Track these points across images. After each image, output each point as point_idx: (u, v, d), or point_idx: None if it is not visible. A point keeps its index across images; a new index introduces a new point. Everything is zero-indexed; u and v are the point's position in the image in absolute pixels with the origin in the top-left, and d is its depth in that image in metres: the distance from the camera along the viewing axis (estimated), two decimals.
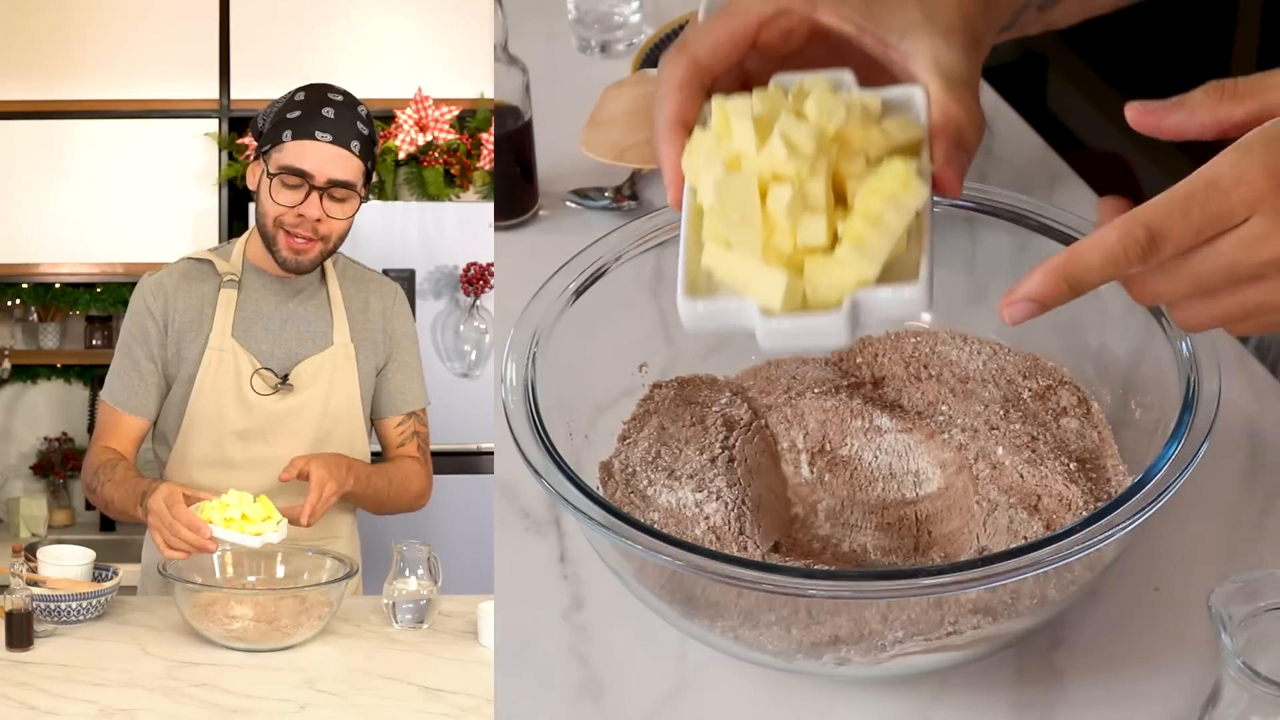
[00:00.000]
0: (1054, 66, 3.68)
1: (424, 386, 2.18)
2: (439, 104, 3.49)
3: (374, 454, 2.16)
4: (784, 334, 0.90)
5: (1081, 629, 1.11)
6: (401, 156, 3.45)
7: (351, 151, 1.97)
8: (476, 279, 3.30)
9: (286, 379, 2.04)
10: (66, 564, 1.94)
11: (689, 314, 0.92)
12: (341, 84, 2.07)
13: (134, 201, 3.64)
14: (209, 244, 3.51)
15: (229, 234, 3.62)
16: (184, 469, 2.06)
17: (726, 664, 1.09)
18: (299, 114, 1.98)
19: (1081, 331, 1.19)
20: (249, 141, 3.51)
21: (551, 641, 1.14)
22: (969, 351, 1.22)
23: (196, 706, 1.59)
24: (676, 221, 1.17)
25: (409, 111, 3.47)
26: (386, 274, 2.24)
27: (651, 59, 1.68)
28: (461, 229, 3.35)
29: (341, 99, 2.01)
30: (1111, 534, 0.94)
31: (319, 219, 1.97)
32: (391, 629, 1.88)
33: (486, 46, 3.48)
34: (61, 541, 2.29)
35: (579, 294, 1.15)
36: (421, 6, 3.67)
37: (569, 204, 1.58)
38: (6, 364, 3.87)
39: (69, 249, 3.64)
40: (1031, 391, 1.19)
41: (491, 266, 3.28)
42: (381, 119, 3.52)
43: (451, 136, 3.48)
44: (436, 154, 3.46)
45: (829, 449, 1.18)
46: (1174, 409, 1.03)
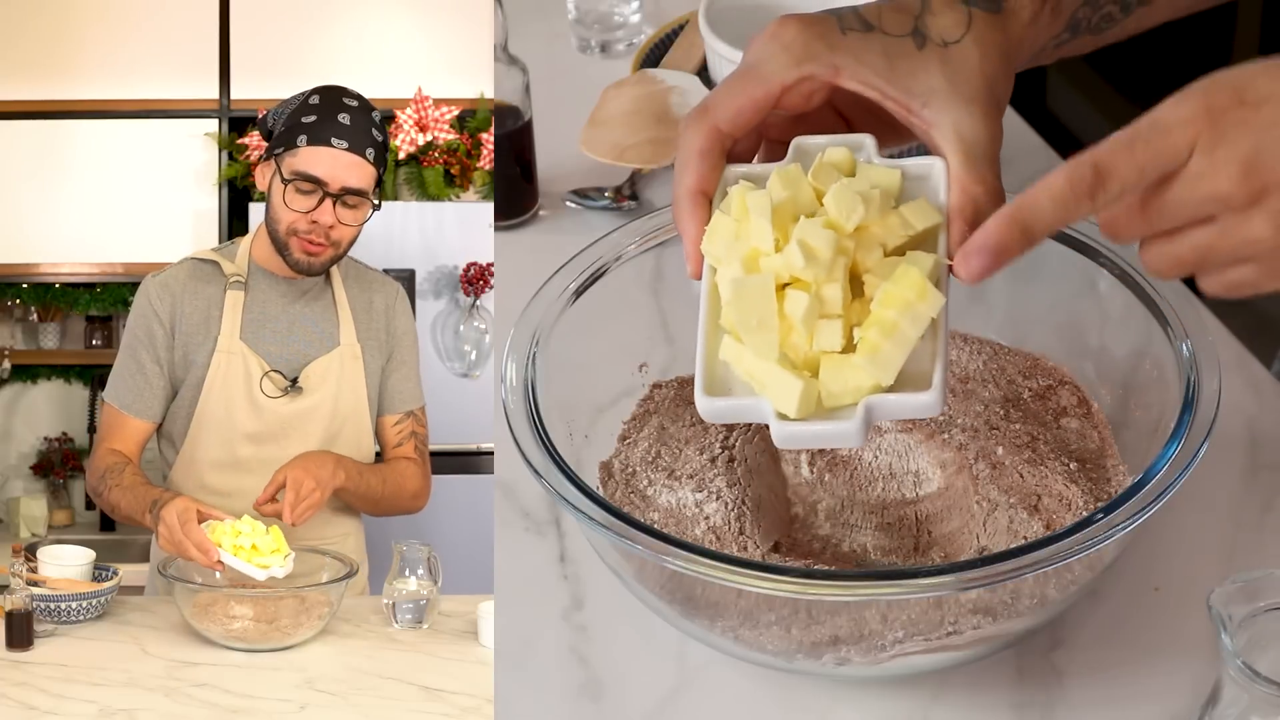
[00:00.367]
0: (1054, 67, 3.68)
1: (420, 386, 2.17)
2: (439, 104, 3.49)
3: (376, 455, 2.16)
4: (799, 438, 0.93)
5: (1081, 629, 1.11)
6: (401, 156, 3.44)
7: (366, 159, 1.97)
8: (476, 279, 3.29)
9: (296, 382, 2.03)
10: (66, 564, 1.94)
11: (707, 410, 0.94)
12: (341, 84, 2.06)
13: (134, 201, 3.63)
14: (209, 244, 3.50)
15: (229, 234, 3.61)
16: (193, 471, 2.05)
17: (726, 664, 1.09)
18: (314, 119, 1.96)
19: (1081, 331, 1.19)
20: (249, 141, 3.51)
21: (551, 641, 1.14)
22: (969, 351, 1.22)
23: (196, 706, 1.60)
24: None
25: (409, 111, 3.47)
26: (386, 274, 2.23)
27: (651, 59, 1.67)
28: (461, 229, 3.35)
29: (357, 104, 1.99)
30: (1111, 534, 0.94)
31: (332, 225, 1.97)
32: (391, 629, 1.88)
33: (486, 46, 3.48)
34: (61, 541, 2.29)
35: (579, 294, 1.15)
36: (421, 7, 3.66)
37: (569, 204, 1.58)
38: (6, 364, 3.87)
39: (69, 249, 3.64)
40: (1031, 391, 1.19)
41: (491, 266, 3.28)
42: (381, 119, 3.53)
43: (451, 136, 3.48)
44: (436, 154, 3.45)
45: (828, 449, 1.17)
46: (1174, 409, 1.03)
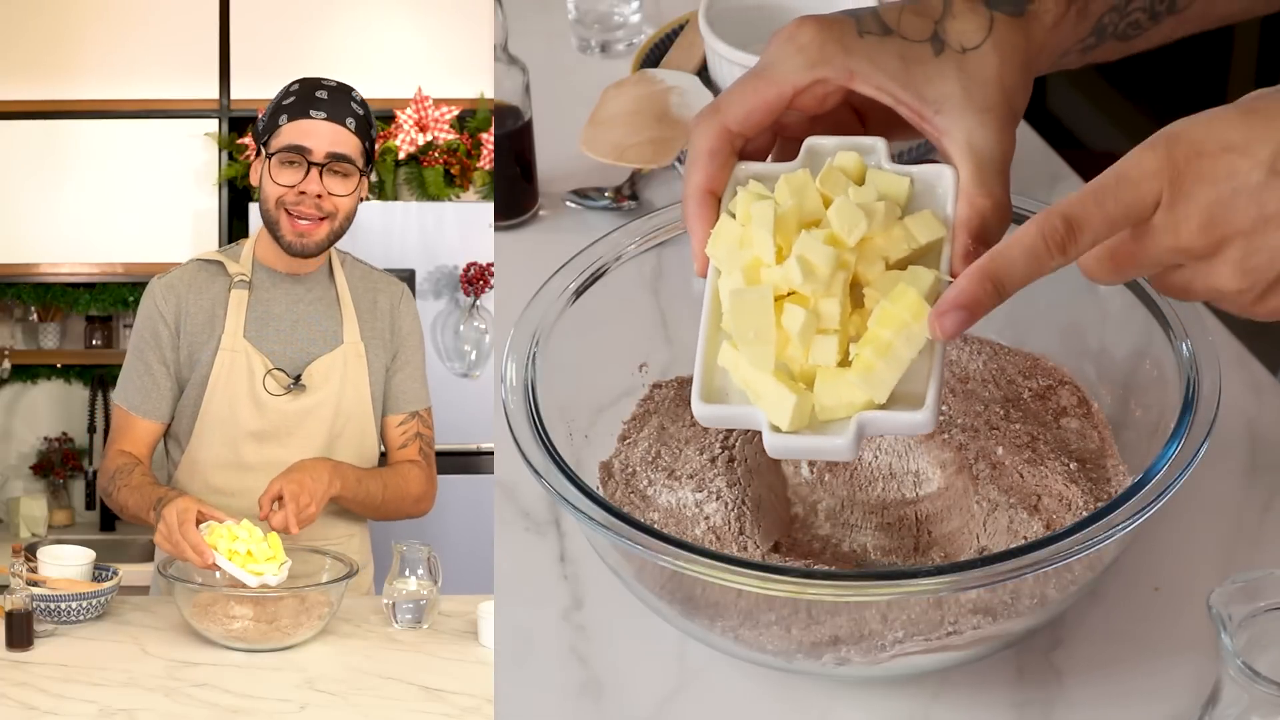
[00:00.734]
0: None
1: (425, 387, 2.17)
2: (439, 104, 3.49)
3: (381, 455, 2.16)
4: (791, 449, 0.94)
5: (1081, 629, 1.11)
6: (401, 156, 3.44)
7: (347, 128, 2.00)
8: (476, 279, 3.29)
9: (299, 379, 2.03)
10: (66, 564, 1.94)
11: (703, 416, 0.95)
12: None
13: (134, 201, 3.63)
14: (209, 244, 3.51)
15: (229, 234, 3.61)
16: (197, 470, 2.06)
17: (726, 664, 1.09)
18: (293, 100, 2.01)
19: (1081, 331, 1.19)
20: (249, 141, 3.51)
21: (551, 641, 1.13)
22: (969, 351, 1.22)
23: (196, 706, 1.60)
24: (677, 221, 1.18)
25: (409, 111, 3.47)
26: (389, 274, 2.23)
27: (652, 59, 1.67)
28: (461, 229, 3.35)
29: (335, 85, 2.04)
30: (1111, 534, 0.94)
31: (320, 195, 1.98)
32: (391, 629, 1.88)
33: (486, 46, 3.48)
34: (61, 541, 2.29)
35: (579, 294, 1.15)
36: (421, 6, 3.66)
37: (569, 204, 1.58)
38: (6, 364, 3.87)
39: (69, 249, 3.64)
40: (1031, 391, 1.19)
41: (491, 266, 3.28)
42: (381, 119, 3.51)
43: (451, 136, 3.47)
44: (436, 154, 3.45)
45: None
46: (1174, 409, 1.03)
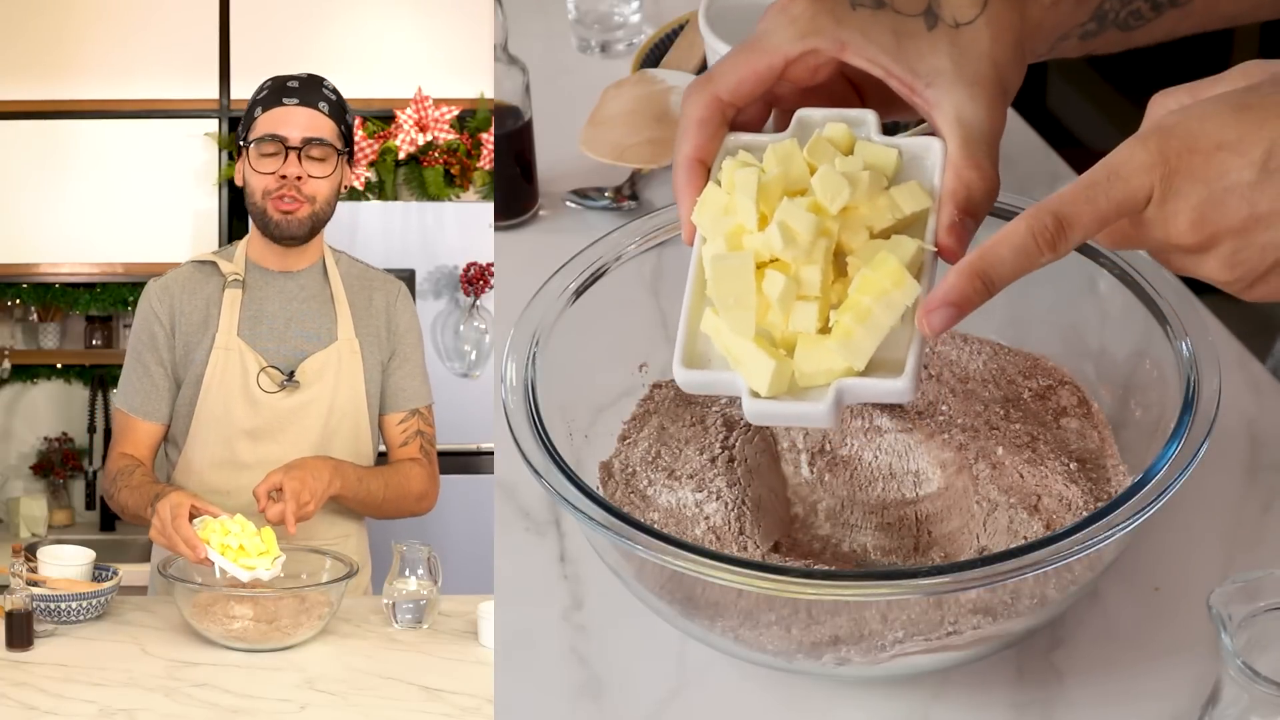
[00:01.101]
0: (1054, 66, 3.68)
1: (427, 384, 2.17)
2: (439, 104, 3.49)
3: (380, 455, 2.16)
4: (769, 415, 0.95)
5: (1081, 629, 1.11)
6: (401, 156, 3.44)
7: (320, 111, 2.04)
8: (476, 279, 3.29)
9: (293, 376, 2.04)
10: (66, 564, 1.94)
11: (684, 381, 0.96)
12: (341, 84, 2.10)
13: (134, 201, 3.63)
14: (209, 244, 3.51)
15: (229, 234, 3.61)
16: (193, 470, 2.06)
17: (726, 664, 1.09)
18: (266, 93, 2.07)
19: (1081, 331, 1.19)
20: None
21: (551, 641, 1.14)
22: (969, 351, 1.22)
23: (196, 706, 1.60)
24: (677, 221, 1.17)
25: (409, 111, 3.47)
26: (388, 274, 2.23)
27: (652, 59, 1.67)
28: (461, 229, 3.34)
29: (305, 76, 2.08)
30: (1111, 534, 0.94)
31: (300, 177, 2.02)
32: (391, 629, 1.88)
33: (486, 46, 3.47)
34: (61, 541, 2.29)
35: (579, 294, 1.15)
36: (421, 6, 3.66)
37: (569, 204, 1.58)
38: (6, 364, 3.87)
39: (69, 249, 3.64)
40: (1031, 391, 1.19)
41: (491, 266, 3.28)
42: (381, 119, 3.52)
43: (451, 136, 3.47)
44: (436, 154, 3.45)
45: (829, 449, 1.17)
46: (1174, 409, 1.03)
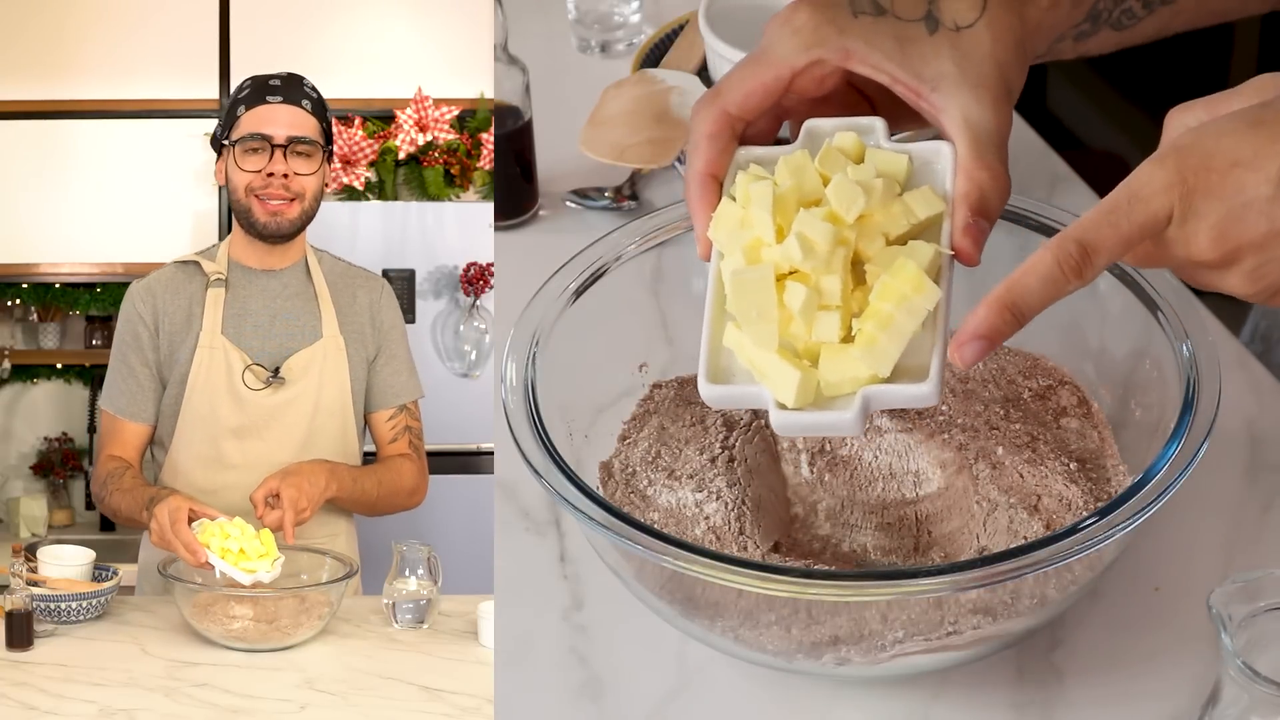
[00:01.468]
0: (1054, 67, 3.68)
1: (416, 379, 2.17)
2: (439, 104, 3.49)
3: (368, 454, 2.16)
4: (797, 426, 0.95)
5: (1081, 629, 1.11)
6: (401, 156, 3.44)
7: (304, 109, 2.04)
8: (476, 279, 3.29)
9: (278, 372, 2.04)
10: (66, 564, 1.94)
11: (709, 396, 0.96)
12: (341, 84, 2.10)
13: (134, 201, 3.63)
14: (209, 244, 3.51)
15: (229, 234, 3.62)
16: (180, 469, 2.06)
17: (726, 664, 1.09)
18: (247, 92, 2.06)
19: (1081, 331, 1.19)
20: None
21: (551, 641, 1.14)
22: None
23: (196, 706, 1.59)
24: (677, 221, 1.18)
25: (409, 111, 3.47)
26: (386, 274, 2.24)
27: (652, 59, 1.67)
28: (461, 229, 3.35)
29: (286, 74, 2.08)
30: (1111, 534, 0.94)
31: (286, 175, 2.01)
32: (391, 629, 1.88)
33: (486, 46, 3.47)
34: (61, 541, 2.28)
35: (579, 294, 1.15)
36: (421, 6, 3.66)
37: (569, 204, 1.58)
38: (6, 364, 3.87)
39: (69, 249, 3.64)
40: (1031, 391, 1.19)
41: (491, 266, 3.28)
42: (381, 119, 3.52)
43: (451, 136, 3.47)
44: (436, 154, 3.45)
45: (829, 449, 1.17)
46: (1174, 409, 1.03)
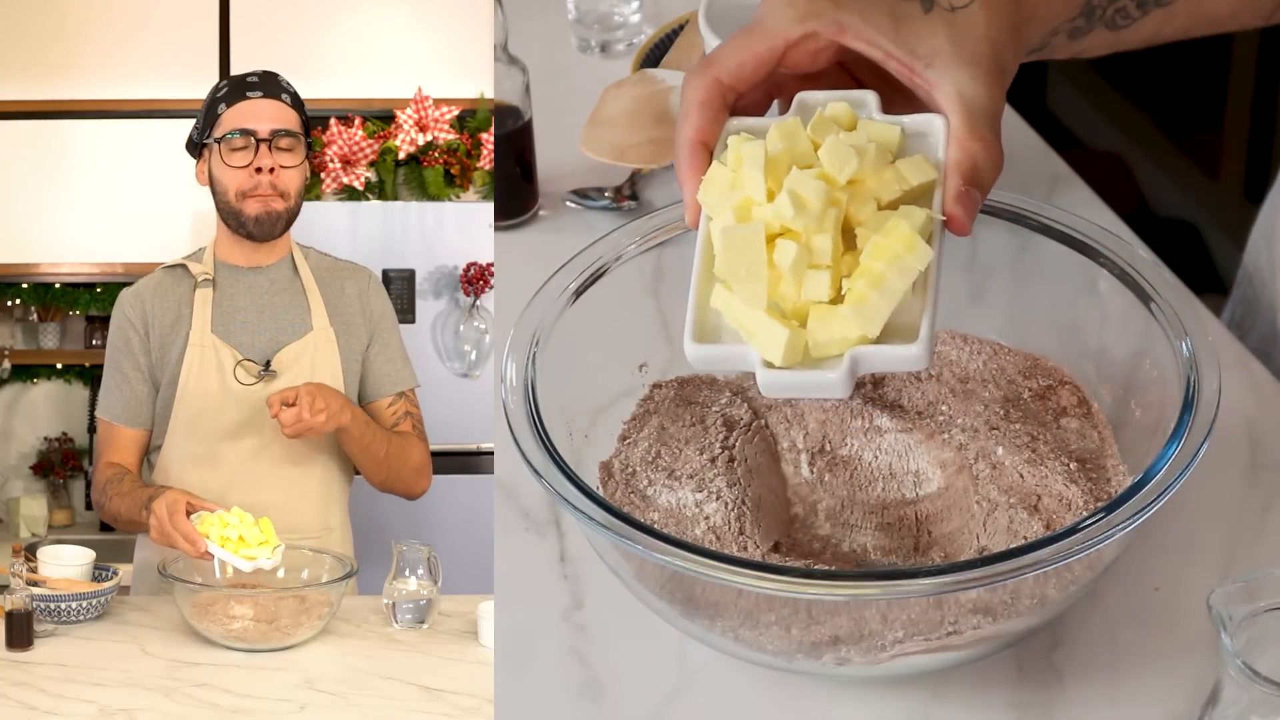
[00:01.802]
0: (1054, 67, 3.68)
1: (410, 368, 2.17)
2: (439, 104, 3.49)
3: None
4: (784, 386, 0.94)
5: (1081, 629, 1.11)
6: (401, 156, 3.44)
7: (284, 102, 2.06)
8: (476, 279, 3.29)
9: (269, 365, 2.04)
10: (66, 564, 1.94)
11: (695, 356, 0.96)
12: (341, 84, 2.11)
13: (134, 201, 3.63)
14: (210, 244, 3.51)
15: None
16: (174, 467, 2.06)
17: (726, 664, 1.09)
18: (226, 90, 2.07)
19: (1081, 331, 1.19)
20: None
21: (551, 641, 1.13)
22: (969, 351, 1.22)
23: (196, 706, 1.59)
24: (677, 221, 1.17)
25: (409, 111, 3.47)
26: (386, 274, 2.24)
27: (652, 59, 1.67)
28: (461, 229, 3.35)
29: (262, 71, 2.09)
30: (1111, 534, 0.94)
31: (273, 169, 2.02)
32: (391, 629, 1.88)
33: (486, 46, 3.47)
34: (61, 541, 2.29)
35: (579, 294, 1.15)
36: (421, 6, 3.66)
37: (569, 204, 1.58)
38: (6, 364, 3.87)
39: (69, 249, 3.64)
40: (1031, 391, 1.18)
41: (491, 266, 3.28)
42: (381, 119, 3.52)
43: (451, 136, 3.47)
44: (436, 154, 3.45)
45: (829, 449, 1.17)
46: (1174, 409, 1.03)
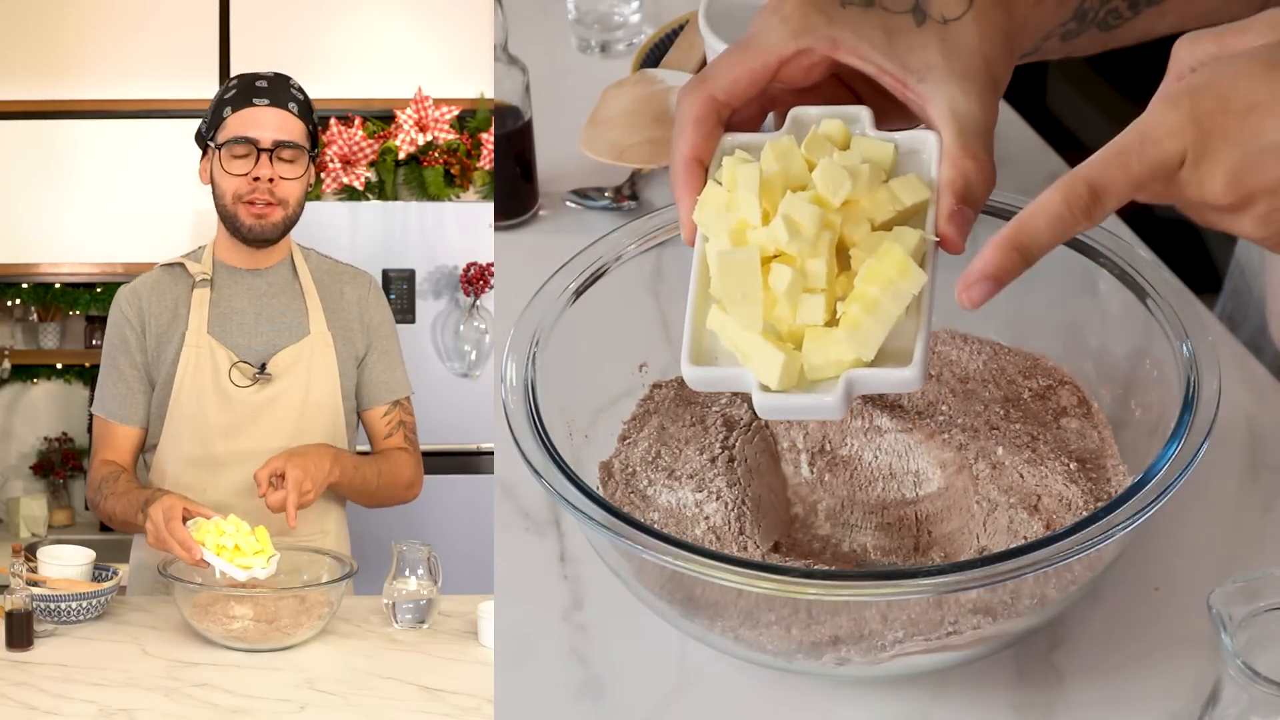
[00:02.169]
0: (1054, 66, 3.68)
1: (406, 375, 2.17)
2: (439, 104, 3.49)
3: (361, 451, 2.16)
4: (780, 409, 0.95)
5: (1081, 629, 1.11)
6: (401, 156, 3.44)
7: (290, 112, 2.03)
8: (476, 279, 3.30)
9: (265, 369, 2.04)
10: (66, 564, 1.94)
11: (692, 378, 0.97)
12: (341, 84, 2.09)
13: (134, 201, 3.64)
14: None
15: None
16: (169, 468, 2.06)
17: (726, 664, 1.09)
18: (234, 93, 2.04)
19: (1081, 331, 1.19)
20: None
21: (551, 641, 1.13)
22: (969, 351, 1.22)
23: (196, 706, 1.60)
24: (676, 222, 1.17)
25: (409, 111, 3.47)
26: (386, 274, 2.24)
27: (652, 59, 1.67)
28: (461, 229, 3.35)
29: (273, 75, 2.07)
30: (1111, 534, 0.94)
31: (272, 179, 2.01)
32: (391, 629, 1.88)
33: (486, 46, 3.48)
34: (61, 541, 2.29)
35: (579, 294, 1.15)
36: (421, 6, 3.66)
37: (569, 204, 1.58)
38: (6, 364, 3.87)
39: (69, 249, 3.64)
40: (1031, 391, 1.18)
41: (491, 266, 3.28)
42: (381, 119, 3.52)
43: (451, 136, 3.48)
44: (436, 154, 3.45)
45: (829, 449, 1.17)
46: (1174, 409, 1.02)
